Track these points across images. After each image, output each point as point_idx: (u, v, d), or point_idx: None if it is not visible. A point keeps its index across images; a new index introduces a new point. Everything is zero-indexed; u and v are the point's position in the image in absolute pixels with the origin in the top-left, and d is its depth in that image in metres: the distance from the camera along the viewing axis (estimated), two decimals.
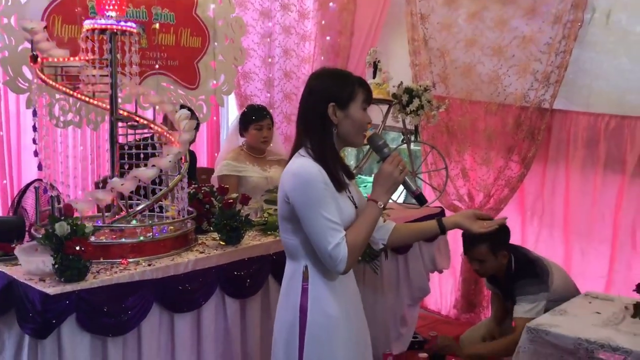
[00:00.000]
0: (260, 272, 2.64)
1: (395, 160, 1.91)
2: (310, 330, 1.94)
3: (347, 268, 1.87)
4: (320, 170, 1.88)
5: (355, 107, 1.93)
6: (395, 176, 1.90)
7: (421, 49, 4.40)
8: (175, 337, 2.37)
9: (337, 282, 1.97)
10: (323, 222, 1.83)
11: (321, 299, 1.94)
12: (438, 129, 4.36)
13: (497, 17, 4.09)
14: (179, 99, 3.88)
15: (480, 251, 3.27)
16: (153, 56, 3.75)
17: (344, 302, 1.98)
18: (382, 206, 1.91)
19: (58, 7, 3.34)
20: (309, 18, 5.00)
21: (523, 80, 4.03)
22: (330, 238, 1.83)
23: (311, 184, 1.85)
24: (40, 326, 1.99)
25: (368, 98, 1.96)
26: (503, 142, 4.14)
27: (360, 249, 1.90)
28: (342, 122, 1.94)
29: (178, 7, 3.82)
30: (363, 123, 1.94)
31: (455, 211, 4.33)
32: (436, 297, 4.66)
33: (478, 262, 3.33)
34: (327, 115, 1.92)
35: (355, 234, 1.88)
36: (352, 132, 1.95)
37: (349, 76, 1.98)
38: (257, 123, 3.65)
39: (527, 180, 4.13)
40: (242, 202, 2.71)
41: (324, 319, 1.94)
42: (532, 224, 4.20)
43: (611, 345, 2.46)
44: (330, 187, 1.88)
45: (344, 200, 1.96)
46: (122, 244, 2.39)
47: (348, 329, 1.98)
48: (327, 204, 1.85)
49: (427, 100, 3.73)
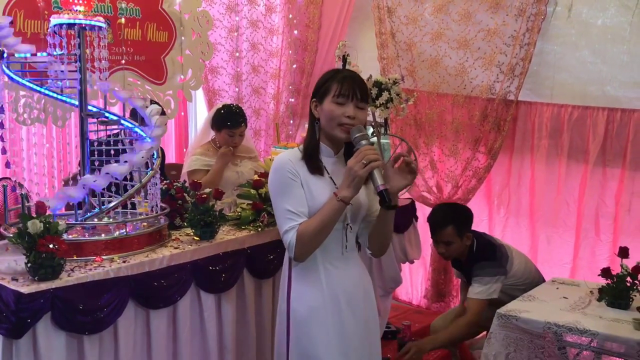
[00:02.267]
0: (235, 266, 2.64)
1: (360, 154, 1.89)
2: (293, 316, 2.02)
3: (298, 256, 1.95)
4: (291, 159, 1.98)
5: (328, 100, 1.98)
6: (356, 170, 1.88)
7: (388, 43, 4.44)
8: (152, 333, 2.36)
9: (323, 271, 2.01)
10: (281, 210, 1.96)
11: (302, 286, 2.02)
12: (406, 122, 4.41)
13: (463, 11, 4.16)
14: (146, 94, 3.84)
15: (447, 232, 3.35)
16: (119, 51, 3.69)
17: (332, 292, 2.01)
18: (339, 199, 1.91)
19: (20, 1, 3.27)
20: (276, 12, 4.98)
21: (489, 72, 4.11)
22: (283, 225, 1.96)
23: (277, 173, 1.99)
24: (15, 326, 1.96)
25: (344, 93, 1.96)
26: (470, 133, 4.21)
27: (311, 239, 1.93)
28: (320, 116, 2.01)
29: (144, 1, 3.76)
30: (333, 116, 1.96)
31: (424, 203, 4.40)
32: (407, 287, 4.73)
33: (444, 244, 3.39)
34: (311, 111, 2.03)
35: (307, 223, 1.94)
36: (327, 125, 1.99)
37: (333, 73, 2.02)
38: (230, 130, 3.58)
39: (494, 171, 4.22)
40: (216, 196, 2.71)
41: (303, 307, 2.01)
42: (499, 213, 4.29)
43: (578, 328, 2.55)
44: (299, 175, 1.97)
45: (322, 186, 1.99)
46: (96, 241, 2.36)
47: (334, 319, 2.01)
48: (288, 192, 1.95)
49: (396, 93, 3.77)
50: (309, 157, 2.01)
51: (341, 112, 1.96)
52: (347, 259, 2.07)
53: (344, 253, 2.05)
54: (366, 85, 2.03)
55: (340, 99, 1.96)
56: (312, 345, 1.99)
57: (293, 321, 2.02)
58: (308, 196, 1.97)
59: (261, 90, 4.96)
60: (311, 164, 2.00)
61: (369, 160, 1.88)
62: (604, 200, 3.86)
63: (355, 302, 2.06)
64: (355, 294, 2.07)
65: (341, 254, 2.04)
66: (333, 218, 1.94)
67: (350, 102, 1.96)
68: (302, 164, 2.00)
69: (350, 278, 2.07)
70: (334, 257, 2.03)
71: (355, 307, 2.05)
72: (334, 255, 2.03)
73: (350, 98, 1.96)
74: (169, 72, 3.92)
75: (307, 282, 2.01)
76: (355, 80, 1.99)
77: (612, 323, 2.60)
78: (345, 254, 2.05)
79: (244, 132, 3.67)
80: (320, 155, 2.03)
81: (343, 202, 1.91)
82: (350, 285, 2.06)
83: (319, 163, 2.02)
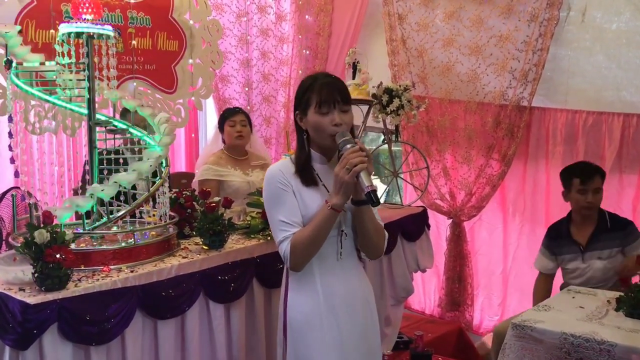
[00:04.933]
0: (244, 275, 2.60)
1: (343, 160, 1.88)
2: (290, 324, 2.03)
3: (293, 265, 1.96)
4: (283, 169, 1.99)
5: (311, 112, 1.97)
6: (341, 176, 1.88)
7: (399, 49, 4.42)
8: (159, 343, 2.33)
9: (319, 279, 2.00)
10: (274, 221, 1.98)
11: (298, 295, 2.02)
12: (418, 129, 4.37)
13: (474, 17, 4.12)
14: (156, 104, 3.84)
15: (597, 180, 3.38)
16: (129, 60, 3.71)
17: (328, 300, 2.00)
18: (330, 207, 1.91)
19: (32, 11, 3.29)
20: (286, 20, 4.98)
21: (501, 78, 4.06)
22: (278, 235, 1.96)
23: (268, 184, 2.00)
24: (21, 337, 1.94)
25: (324, 100, 1.94)
26: (483, 140, 4.17)
27: (305, 248, 1.93)
28: (308, 128, 2.00)
29: (154, 10, 3.78)
30: (320, 127, 1.96)
31: (437, 210, 4.35)
32: (420, 296, 4.67)
33: (594, 192, 3.39)
34: (297, 122, 2.03)
35: (301, 233, 1.94)
36: (316, 136, 1.99)
37: (311, 82, 2.00)
38: (230, 119, 3.68)
39: (508, 178, 4.17)
40: (225, 205, 2.68)
41: (299, 315, 2.01)
42: (514, 221, 4.23)
43: (596, 339, 2.48)
44: (290, 185, 1.97)
45: (315, 196, 1.99)
46: (104, 250, 2.34)
47: (331, 327, 1.99)
48: (280, 203, 1.96)
49: (407, 100, 3.72)
50: (302, 170, 2.00)
51: (328, 122, 1.94)
52: (344, 265, 2.05)
53: (339, 260, 2.03)
54: (345, 86, 2.01)
55: (324, 108, 1.95)
56: (308, 352, 1.99)
57: (290, 329, 2.02)
58: (301, 205, 1.97)
59: (272, 98, 4.95)
60: (304, 176, 2.00)
61: (352, 164, 1.86)
62: (621, 206, 3.79)
63: (352, 309, 2.04)
64: (353, 300, 2.05)
65: (336, 261, 2.03)
66: (326, 226, 1.94)
67: (334, 108, 1.95)
68: (295, 175, 2.00)
69: (347, 284, 2.05)
70: (330, 264, 2.02)
71: (353, 314, 2.04)
72: (329, 262, 2.02)
73: (333, 105, 1.94)
74: (179, 81, 3.93)
75: (303, 290, 2.02)
76: (334, 85, 1.97)
77: (631, 334, 2.53)
78: (340, 260, 2.03)
79: (245, 123, 3.72)
80: (313, 163, 2.03)
81: (334, 210, 1.91)
82: (347, 291, 2.04)
83: (312, 175, 2.01)
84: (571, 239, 3.46)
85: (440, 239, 4.42)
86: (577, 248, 3.43)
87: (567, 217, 3.51)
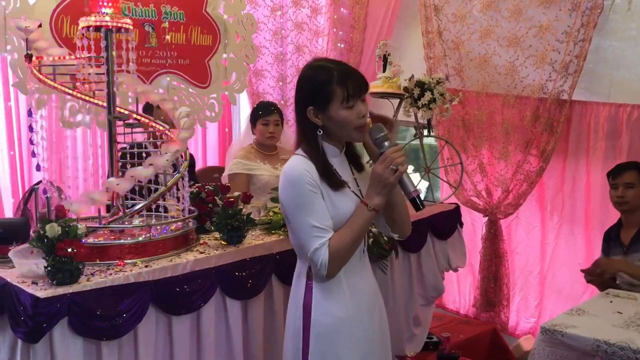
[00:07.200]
0: (262, 272, 2.56)
1: (387, 159, 1.77)
2: (315, 330, 1.90)
3: (331, 273, 1.82)
4: (309, 169, 1.83)
5: (335, 107, 1.82)
6: (386, 177, 1.77)
7: (435, 41, 4.29)
8: (174, 340, 2.30)
9: (344, 280, 1.90)
10: (305, 227, 1.80)
11: (326, 297, 1.89)
12: (454, 123, 4.23)
13: (513, 7, 3.96)
14: (190, 98, 3.85)
15: (629, 174, 3.27)
16: (163, 55, 3.73)
17: (354, 300, 1.91)
18: (372, 209, 1.81)
19: (66, 7, 3.33)
20: (321, 13, 4.91)
21: (541, 71, 3.89)
22: (311, 242, 1.79)
23: (295, 186, 1.82)
24: (31, 330, 1.94)
25: (352, 93, 1.81)
26: (521, 135, 4.00)
27: (346, 254, 1.83)
28: (326, 124, 1.85)
29: (188, 5, 3.78)
30: (346, 121, 1.82)
31: (473, 208, 4.22)
32: (454, 295, 4.55)
33: (625, 187, 3.27)
34: (308, 118, 1.85)
35: (339, 238, 1.81)
36: (340, 132, 1.87)
37: (327, 74, 1.83)
38: (264, 118, 3.63)
39: (547, 175, 4.00)
40: (244, 200, 2.64)
41: (328, 319, 1.89)
42: (552, 220, 4.05)
43: (632, 347, 2.32)
44: (319, 187, 1.82)
45: (343, 196, 1.87)
46: (120, 244, 2.33)
47: (358, 328, 1.92)
48: (311, 207, 1.80)
49: (439, 94, 3.61)
50: (327, 174, 1.85)
51: (355, 115, 1.83)
52: (364, 263, 1.99)
53: (362, 257, 1.97)
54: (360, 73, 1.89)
55: (351, 102, 1.82)
56: (337, 355, 1.89)
57: (315, 333, 1.89)
58: (330, 208, 1.84)
59: None
60: (332, 179, 1.86)
61: (397, 164, 1.76)
62: None
63: (373, 305, 1.99)
64: (374, 297, 2.00)
65: (359, 259, 1.95)
66: (365, 228, 1.85)
67: (358, 99, 1.84)
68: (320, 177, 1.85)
69: (368, 281, 2.00)
70: (354, 263, 1.93)
71: (374, 311, 1.99)
72: (353, 261, 1.92)
73: (359, 96, 1.83)
74: (212, 75, 3.93)
75: (330, 292, 1.89)
76: (357, 76, 1.85)
77: None
78: (362, 258, 1.97)
79: (279, 122, 3.68)
80: (329, 158, 1.90)
81: (375, 211, 1.81)
82: (368, 289, 1.98)
83: (338, 178, 1.89)
84: (618, 240, 3.32)
85: (475, 237, 4.28)
86: (622, 249, 3.27)
87: (619, 219, 3.39)
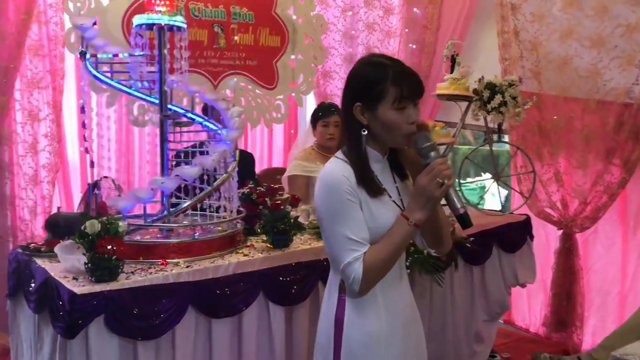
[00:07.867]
0: (308, 278, 2.48)
1: (433, 171, 1.62)
2: (347, 346, 1.77)
3: (363, 289, 1.68)
4: (348, 175, 1.69)
5: (384, 107, 1.68)
6: (431, 190, 1.62)
7: (511, 42, 4.05)
8: (213, 343, 2.26)
9: (380, 295, 1.76)
10: (340, 238, 1.66)
11: (360, 313, 1.76)
12: (529, 129, 3.98)
13: (598, 5, 3.67)
14: (256, 99, 3.83)
15: None
16: (231, 56, 3.74)
17: (390, 316, 1.78)
18: (413, 223, 1.66)
19: (138, 9, 3.38)
20: (394, 14, 4.78)
21: (627, 73, 3.58)
22: (344, 255, 1.66)
23: (332, 194, 1.68)
24: (68, 326, 1.95)
25: (406, 96, 1.67)
26: (602, 143, 3.70)
27: (381, 270, 1.70)
28: (372, 124, 1.71)
29: (257, 6, 3.78)
30: (395, 124, 1.68)
31: (546, 220, 3.95)
32: (524, 312, 4.28)
33: None
34: (353, 115, 1.72)
35: (376, 253, 1.67)
36: (384, 135, 1.72)
37: (383, 71, 1.69)
38: (324, 119, 3.56)
39: (630, 187, 3.68)
40: (292, 203, 2.57)
41: (362, 336, 1.76)
42: (635, 237, 3.73)
43: None
44: (358, 195, 1.69)
45: (382, 205, 1.74)
46: (165, 244, 2.32)
47: (392, 346, 1.78)
48: (347, 217, 1.66)
49: (511, 97, 3.40)
50: (365, 179, 1.72)
51: (404, 120, 1.68)
52: (402, 276, 1.84)
53: (401, 272, 1.83)
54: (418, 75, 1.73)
55: (402, 104, 1.67)
56: None
57: (347, 351, 1.77)
58: (367, 217, 1.70)
59: None
60: (371, 186, 1.72)
61: (444, 177, 1.61)
62: None
63: (411, 322, 1.85)
64: (412, 313, 1.86)
65: (398, 274, 1.81)
66: (404, 244, 1.71)
67: (411, 103, 1.69)
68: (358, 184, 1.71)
69: (405, 298, 1.85)
70: (391, 276, 1.78)
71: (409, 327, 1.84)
72: (390, 276, 1.77)
73: (413, 99, 1.69)
74: (280, 76, 3.90)
75: (364, 308, 1.76)
76: (415, 77, 1.69)
77: None
78: (401, 272, 1.83)
79: (339, 123, 3.55)
80: (370, 163, 1.75)
81: (416, 227, 1.67)
82: (405, 305, 1.84)
83: (378, 184, 1.75)
84: None
85: (548, 251, 4.01)
86: None
87: None
